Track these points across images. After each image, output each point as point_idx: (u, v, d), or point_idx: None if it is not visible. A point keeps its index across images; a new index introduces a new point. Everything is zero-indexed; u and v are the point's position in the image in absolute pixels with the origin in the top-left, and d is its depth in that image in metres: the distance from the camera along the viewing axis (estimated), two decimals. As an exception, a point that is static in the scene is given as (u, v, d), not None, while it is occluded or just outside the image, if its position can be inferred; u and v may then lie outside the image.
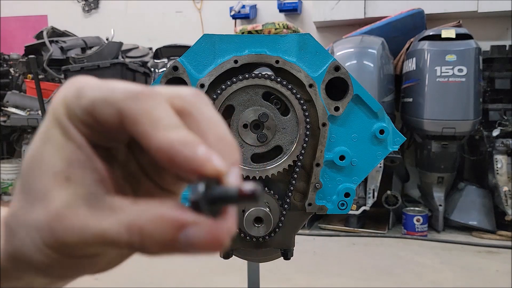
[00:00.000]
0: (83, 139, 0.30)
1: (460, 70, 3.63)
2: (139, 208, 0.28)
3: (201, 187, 0.27)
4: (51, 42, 4.78)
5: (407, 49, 4.09)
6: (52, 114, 0.31)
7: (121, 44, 4.82)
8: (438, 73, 3.66)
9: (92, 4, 6.00)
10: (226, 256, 1.02)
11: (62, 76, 4.68)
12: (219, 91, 0.92)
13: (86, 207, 0.28)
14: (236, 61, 0.93)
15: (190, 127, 0.29)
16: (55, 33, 5.19)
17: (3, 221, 0.31)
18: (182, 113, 0.30)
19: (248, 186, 0.27)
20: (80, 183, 0.29)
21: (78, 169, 0.29)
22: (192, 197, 0.27)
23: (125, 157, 0.33)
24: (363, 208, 3.76)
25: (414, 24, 4.30)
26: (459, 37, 3.73)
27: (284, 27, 4.67)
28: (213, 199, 0.27)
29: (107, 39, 4.93)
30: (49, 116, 0.31)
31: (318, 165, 0.97)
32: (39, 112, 4.28)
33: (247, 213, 0.92)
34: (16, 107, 4.61)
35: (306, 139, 0.94)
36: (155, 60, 4.98)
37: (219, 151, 0.28)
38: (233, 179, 0.28)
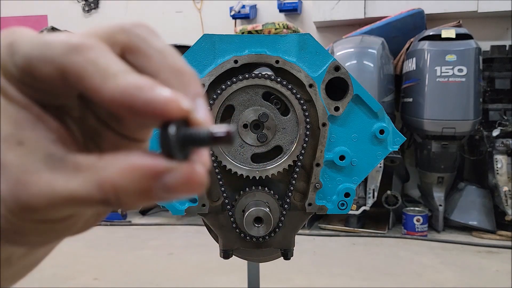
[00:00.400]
0: (26, 99, 0.27)
1: (460, 70, 3.63)
2: (107, 162, 0.25)
3: (171, 130, 0.25)
4: (51, 42, 4.79)
5: (407, 49, 4.09)
6: None
7: (121, 44, 4.82)
8: (438, 73, 3.66)
9: (92, 4, 6.00)
10: (226, 256, 1.02)
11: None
12: (219, 91, 0.92)
13: (48, 169, 0.25)
14: (236, 61, 0.93)
15: (140, 63, 0.27)
16: (55, 33, 5.19)
17: None
18: (129, 49, 0.27)
19: (222, 128, 0.25)
20: (35, 145, 0.26)
21: (29, 131, 0.26)
22: (162, 142, 0.25)
23: (79, 112, 0.30)
24: (363, 208, 3.76)
25: (414, 24, 4.30)
26: (459, 37, 3.74)
27: (284, 27, 4.67)
28: (185, 142, 0.25)
29: (107, 39, 4.93)
30: None
31: (318, 165, 0.97)
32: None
33: (247, 213, 0.92)
34: (16, 107, 4.61)
35: (306, 139, 0.94)
36: (155, 60, 4.98)
37: (178, 85, 0.26)
38: (201, 115, 0.26)
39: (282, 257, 1.04)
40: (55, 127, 0.27)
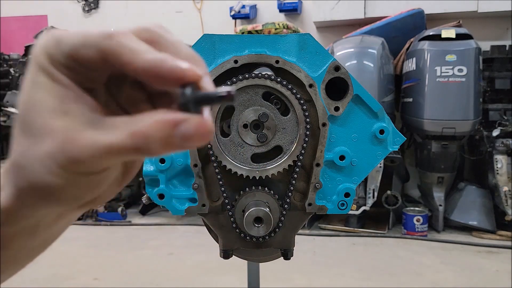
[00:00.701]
0: (69, 80, 0.34)
1: (460, 70, 3.63)
2: (137, 119, 0.32)
3: (188, 91, 0.32)
4: (51, 42, 4.79)
5: (407, 49, 4.09)
6: (36, 63, 0.35)
7: (121, 44, 4.83)
8: (438, 73, 3.66)
9: (92, 4, 6.00)
10: (226, 256, 1.02)
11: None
12: (219, 91, 0.92)
13: (91, 128, 0.33)
14: (236, 61, 0.93)
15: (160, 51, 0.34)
16: (55, 33, 5.19)
17: (9, 165, 0.35)
18: (151, 42, 0.35)
19: (225, 89, 0.33)
20: (78, 113, 0.33)
21: (72, 104, 0.34)
22: (181, 100, 0.33)
23: (105, 98, 0.37)
24: (363, 208, 3.76)
25: (414, 24, 4.30)
26: (459, 37, 3.73)
27: (284, 27, 4.67)
28: (198, 100, 0.33)
29: (107, 39, 4.93)
30: (32, 65, 0.35)
31: (318, 165, 0.97)
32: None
33: (247, 213, 0.92)
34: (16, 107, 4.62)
35: (306, 139, 0.94)
36: (155, 60, 4.99)
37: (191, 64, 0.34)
38: (208, 84, 0.34)
39: (282, 257, 1.04)
40: (91, 102, 0.35)
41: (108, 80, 0.36)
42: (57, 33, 0.34)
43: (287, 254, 1.02)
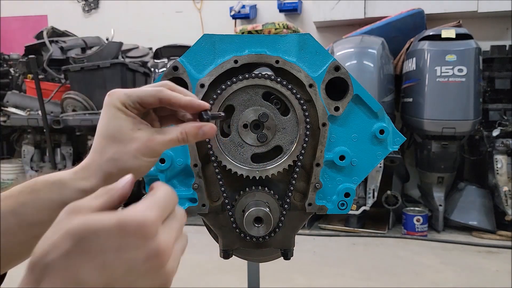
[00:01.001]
0: (134, 115, 0.65)
1: (460, 70, 3.63)
2: (182, 125, 0.67)
3: (204, 114, 0.68)
4: (51, 42, 4.78)
5: (407, 49, 4.09)
6: (114, 105, 0.64)
7: (121, 44, 4.82)
8: (438, 73, 3.66)
9: (92, 4, 6.00)
10: (226, 256, 1.02)
11: (62, 76, 4.67)
12: (219, 91, 0.92)
13: (157, 133, 0.65)
14: (236, 61, 0.93)
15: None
16: (55, 33, 5.19)
17: (89, 161, 0.66)
18: (173, 90, 0.67)
19: (219, 113, 0.80)
20: (147, 128, 0.65)
21: (141, 125, 0.65)
22: (204, 117, 0.68)
23: (151, 119, 0.70)
24: (363, 208, 3.76)
25: (414, 24, 4.30)
26: (459, 37, 3.73)
27: (284, 27, 4.67)
28: (212, 117, 0.70)
29: (107, 39, 4.93)
30: (111, 107, 0.64)
31: (318, 165, 0.97)
32: (39, 112, 4.28)
33: (247, 213, 0.92)
34: (16, 107, 4.61)
35: (306, 139, 0.94)
36: (155, 60, 4.98)
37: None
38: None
39: (282, 257, 1.04)
40: (147, 123, 0.67)
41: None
42: (125, 90, 0.65)
43: (287, 254, 1.02)
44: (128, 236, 0.41)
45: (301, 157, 0.95)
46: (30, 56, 4.20)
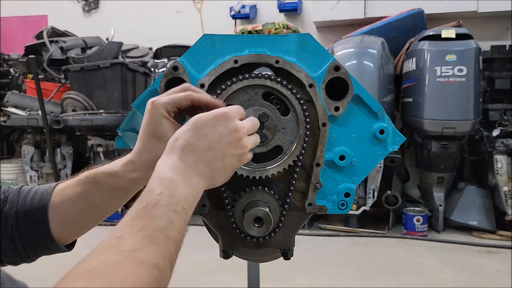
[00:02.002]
0: (173, 120, 0.82)
1: (460, 70, 3.63)
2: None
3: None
4: (51, 42, 4.78)
5: (407, 49, 4.09)
6: (160, 114, 0.79)
7: (121, 44, 4.82)
8: (438, 73, 3.66)
9: (92, 4, 6.00)
10: (226, 256, 1.02)
11: (62, 76, 4.67)
12: (219, 91, 0.92)
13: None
14: (236, 61, 0.93)
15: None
16: (55, 33, 5.19)
17: (156, 157, 0.74)
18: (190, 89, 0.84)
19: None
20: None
21: (178, 127, 0.78)
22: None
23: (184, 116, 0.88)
24: (363, 208, 3.76)
25: (414, 24, 4.30)
26: (459, 37, 3.73)
27: (284, 27, 4.67)
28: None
29: (107, 39, 4.93)
30: (157, 116, 0.80)
31: (318, 165, 0.97)
32: (39, 112, 4.28)
33: (247, 213, 0.92)
34: (16, 107, 4.61)
35: (306, 139, 0.94)
36: (155, 60, 4.98)
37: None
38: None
39: (282, 257, 1.04)
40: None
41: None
42: (164, 99, 0.80)
43: (287, 254, 1.02)
44: (218, 119, 0.75)
45: (301, 157, 0.95)
46: (30, 56, 4.20)
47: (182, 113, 0.84)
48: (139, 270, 0.56)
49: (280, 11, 5.24)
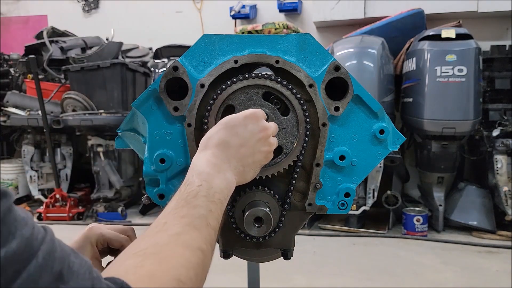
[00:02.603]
0: (97, 251, 0.85)
1: (460, 70, 3.62)
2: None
3: None
4: (51, 42, 4.78)
5: (407, 49, 4.08)
6: (89, 236, 0.84)
7: (121, 44, 4.82)
8: (438, 73, 3.66)
9: (92, 4, 6.00)
10: (226, 256, 1.02)
11: (62, 76, 4.67)
12: (219, 91, 0.92)
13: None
14: (236, 61, 0.93)
15: None
16: (55, 33, 5.19)
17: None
18: None
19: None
20: (98, 264, 0.85)
21: (97, 261, 0.85)
22: None
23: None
24: (363, 208, 3.76)
25: (414, 24, 4.30)
26: (459, 37, 3.73)
27: (284, 27, 4.67)
28: None
29: (107, 39, 4.93)
30: (87, 236, 0.84)
31: (318, 165, 0.97)
32: (39, 112, 4.28)
33: (247, 213, 0.92)
34: (16, 107, 4.61)
35: (306, 139, 0.94)
36: (155, 60, 4.98)
37: None
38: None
39: (282, 257, 1.04)
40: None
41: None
42: (102, 231, 0.86)
43: (287, 254, 1.02)
44: (249, 118, 0.82)
45: (301, 157, 0.95)
46: (30, 56, 4.20)
47: (110, 250, 0.87)
48: (186, 252, 0.61)
49: (280, 11, 5.24)
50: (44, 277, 0.45)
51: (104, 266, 0.79)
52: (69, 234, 2.61)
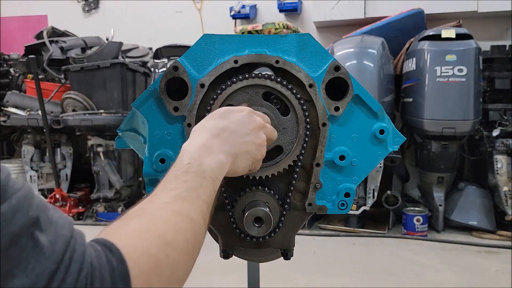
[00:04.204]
0: None
1: (460, 70, 3.62)
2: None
3: None
4: (51, 42, 4.78)
5: (407, 49, 4.08)
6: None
7: (121, 44, 4.82)
8: (438, 73, 3.66)
9: (92, 4, 6.00)
10: (226, 256, 1.02)
11: (62, 76, 4.67)
12: (219, 91, 0.92)
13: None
14: (236, 61, 0.93)
15: None
16: (55, 33, 5.18)
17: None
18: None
19: None
20: None
21: None
22: None
23: None
24: (363, 208, 3.76)
25: (414, 24, 4.30)
26: (459, 37, 3.73)
27: (284, 27, 4.66)
28: None
29: (107, 39, 4.92)
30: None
31: (318, 165, 0.97)
32: (39, 112, 4.28)
33: (247, 213, 0.92)
34: (16, 107, 4.60)
35: (306, 139, 0.94)
36: (155, 60, 4.98)
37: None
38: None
39: (282, 257, 1.04)
40: None
41: None
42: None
43: (287, 254, 1.02)
44: (241, 109, 0.83)
45: (301, 157, 0.95)
46: (30, 56, 4.19)
47: None
48: (173, 217, 0.60)
49: (280, 11, 5.23)
50: (18, 219, 0.43)
51: None
52: (69, 234, 2.60)
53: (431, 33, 3.83)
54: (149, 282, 0.51)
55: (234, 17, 5.35)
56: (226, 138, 0.79)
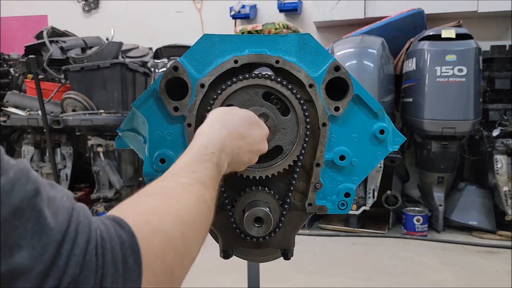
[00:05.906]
0: None
1: (460, 70, 3.62)
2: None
3: None
4: (51, 42, 4.78)
5: (407, 49, 4.08)
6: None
7: (121, 44, 4.82)
8: (438, 73, 3.66)
9: (92, 4, 6.00)
10: (226, 256, 1.02)
11: (62, 76, 4.67)
12: (219, 91, 0.92)
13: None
14: (236, 61, 0.93)
15: None
16: (55, 33, 5.18)
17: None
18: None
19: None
20: None
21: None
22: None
23: None
24: (363, 208, 3.76)
25: (414, 24, 4.30)
26: (459, 37, 3.73)
27: (284, 27, 4.66)
28: None
29: (107, 39, 4.92)
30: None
31: (318, 165, 0.97)
32: (39, 112, 4.27)
33: (247, 213, 0.92)
34: (16, 107, 4.60)
35: (306, 139, 0.94)
36: (155, 60, 4.98)
37: None
38: None
39: (282, 257, 1.04)
40: None
41: None
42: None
43: (287, 254, 1.02)
44: (235, 108, 0.86)
45: (301, 157, 0.95)
46: (30, 56, 4.19)
47: None
48: (192, 199, 0.62)
49: (280, 11, 5.23)
50: (18, 192, 0.42)
51: None
52: (69, 234, 2.60)
53: (431, 33, 3.83)
54: (161, 257, 0.51)
55: (234, 17, 5.35)
56: (238, 151, 0.82)
